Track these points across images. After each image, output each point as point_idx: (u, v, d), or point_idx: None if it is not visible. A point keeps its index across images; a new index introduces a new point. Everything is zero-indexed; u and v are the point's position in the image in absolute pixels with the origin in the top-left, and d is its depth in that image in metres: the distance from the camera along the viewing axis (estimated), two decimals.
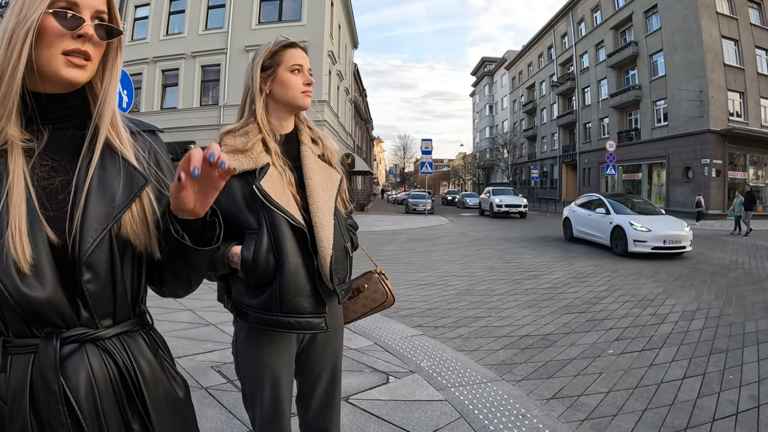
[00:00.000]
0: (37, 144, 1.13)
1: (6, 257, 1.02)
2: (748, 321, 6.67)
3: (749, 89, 31.86)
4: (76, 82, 1.12)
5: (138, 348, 1.22)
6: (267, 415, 2.02)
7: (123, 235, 1.16)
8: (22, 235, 1.04)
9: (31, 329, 1.09)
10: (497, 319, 6.80)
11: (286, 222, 1.85)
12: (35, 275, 1.05)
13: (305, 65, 2.00)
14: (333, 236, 1.93)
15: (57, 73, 1.09)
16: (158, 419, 1.21)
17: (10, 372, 1.08)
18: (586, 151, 45.70)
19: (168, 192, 1.24)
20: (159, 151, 1.32)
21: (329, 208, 1.97)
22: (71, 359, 1.10)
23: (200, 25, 26.50)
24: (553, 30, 53.50)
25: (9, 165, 1.08)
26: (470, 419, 3.61)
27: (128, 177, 1.19)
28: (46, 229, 1.08)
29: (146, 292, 1.32)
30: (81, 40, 1.09)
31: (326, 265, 1.89)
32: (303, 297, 1.88)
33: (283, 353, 2.00)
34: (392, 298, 2.39)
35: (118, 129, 1.21)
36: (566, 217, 18.17)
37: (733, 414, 3.90)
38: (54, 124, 1.17)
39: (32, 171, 1.11)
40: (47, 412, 1.07)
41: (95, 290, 1.13)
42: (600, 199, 16.10)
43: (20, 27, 1.04)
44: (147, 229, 1.20)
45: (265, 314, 1.88)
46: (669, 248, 12.95)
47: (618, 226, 13.98)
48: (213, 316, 5.99)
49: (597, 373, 4.75)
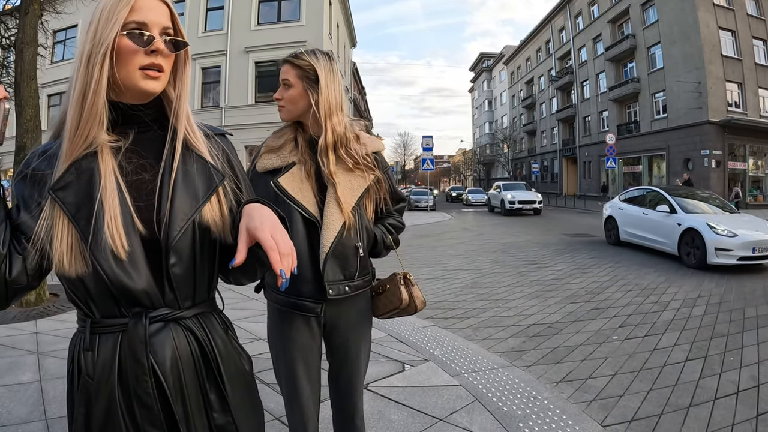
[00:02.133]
0: (123, 143, 1.28)
1: (105, 246, 1.17)
2: (748, 307, 6.86)
3: (747, 80, 31.92)
4: (153, 92, 1.28)
5: (213, 327, 1.38)
6: (287, 388, 2.20)
7: (204, 224, 1.30)
8: (117, 226, 1.19)
9: (120, 310, 1.24)
10: (504, 309, 6.99)
11: (299, 214, 2.03)
12: (130, 262, 1.20)
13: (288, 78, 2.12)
14: (339, 233, 2.05)
15: (137, 85, 1.24)
16: (231, 390, 1.36)
17: (99, 350, 1.24)
18: (586, 145, 45.76)
19: (239, 189, 1.42)
20: (229, 151, 1.47)
21: (344, 206, 2.08)
22: (158, 336, 1.24)
23: (199, 27, 26.48)
24: (550, 24, 53.48)
25: (101, 164, 1.22)
26: (484, 402, 3.81)
27: (207, 173, 1.34)
28: (135, 220, 1.23)
29: (218, 278, 1.46)
30: (154, 55, 1.24)
31: (321, 260, 2.04)
32: (303, 282, 2.05)
33: (303, 331, 2.15)
34: (413, 306, 2.31)
35: (194, 131, 1.36)
36: (609, 216, 14.60)
37: (734, 393, 4.09)
38: (138, 126, 1.32)
39: (121, 167, 1.26)
40: (135, 384, 1.22)
41: (179, 273, 1.27)
42: (659, 194, 12.56)
43: (97, 49, 1.19)
44: (222, 219, 1.35)
45: (277, 294, 2.10)
46: (759, 258, 9.79)
47: (691, 229, 10.57)
48: (229, 313, 6.16)
49: (603, 358, 4.95)
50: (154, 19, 1.24)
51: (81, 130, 1.21)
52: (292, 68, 2.12)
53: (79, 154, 1.21)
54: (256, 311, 6.19)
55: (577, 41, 47.55)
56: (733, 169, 31.70)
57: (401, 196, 2.42)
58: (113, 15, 1.19)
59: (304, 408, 2.19)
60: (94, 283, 1.20)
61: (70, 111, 1.22)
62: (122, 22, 1.20)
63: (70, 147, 1.21)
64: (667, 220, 11.51)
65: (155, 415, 1.23)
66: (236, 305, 6.52)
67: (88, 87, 1.19)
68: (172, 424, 1.26)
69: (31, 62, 7.09)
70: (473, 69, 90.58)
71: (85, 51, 1.21)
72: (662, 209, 11.75)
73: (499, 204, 29.64)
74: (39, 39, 7.57)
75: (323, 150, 2.09)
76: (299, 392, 2.18)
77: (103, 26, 1.19)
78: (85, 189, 1.20)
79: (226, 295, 1.92)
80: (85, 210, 1.19)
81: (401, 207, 2.44)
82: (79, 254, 1.18)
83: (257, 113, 24.14)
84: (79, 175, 1.21)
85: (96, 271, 1.18)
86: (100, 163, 1.22)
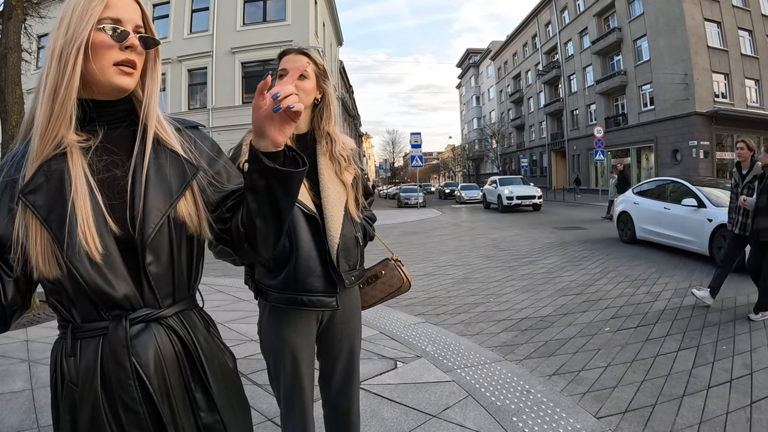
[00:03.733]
0: (93, 141, 1.26)
1: (79, 249, 1.15)
2: (740, 295, 6.89)
3: (734, 70, 32.12)
4: (126, 88, 1.25)
5: (194, 325, 1.35)
6: (288, 390, 2.17)
7: (179, 219, 1.28)
8: (90, 229, 1.16)
9: (100, 313, 1.21)
10: (496, 304, 6.98)
11: (300, 210, 2.04)
12: (106, 264, 1.18)
13: (289, 69, 2.13)
14: (342, 226, 2.11)
15: (110, 81, 1.22)
16: (217, 388, 1.34)
17: (80, 356, 1.21)
18: (575, 138, 45.90)
19: (217, 180, 1.39)
20: (202, 144, 1.43)
21: (340, 201, 2.14)
22: (140, 338, 1.21)
23: (185, 29, 26.45)
24: (536, 19, 53.58)
25: (71, 166, 1.20)
26: (477, 397, 3.79)
27: (180, 167, 1.31)
28: (109, 220, 1.20)
29: (199, 274, 1.43)
30: (128, 51, 1.22)
31: (334, 251, 2.07)
32: (315, 277, 2.06)
33: (303, 332, 2.16)
34: (408, 283, 2.52)
35: (164, 126, 1.33)
36: (623, 211, 13.09)
37: (728, 381, 4.10)
38: (108, 124, 1.30)
39: (91, 166, 1.24)
40: (119, 388, 1.19)
41: (157, 272, 1.25)
42: (681, 185, 11.03)
43: (70, 44, 1.17)
44: (198, 213, 1.32)
45: (281, 293, 2.07)
46: None
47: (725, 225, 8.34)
48: (220, 315, 6.14)
49: (595, 350, 4.94)
50: (128, 16, 1.24)
51: (51, 127, 1.18)
52: (310, 62, 2.17)
53: (49, 154, 1.19)
54: (247, 312, 6.15)
55: (563, 35, 47.66)
56: (722, 159, 31.87)
57: (370, 191, 2.51)
58: (87, 11, 1.18)
59: (306, 410, 2.21)
60: (72, 287, 1.18)
61: (39, 109, 1.20)
62: (97, 18, 1.19)
63: (41, 145, 1.18)
64: (695, 216, 10.06)
65: (141, 418, 1.21)
66: (227, 307, 6.49)
67: (60, 83, 1.17)
68: (160, 426, 1.24)
69: (15, 68, 6.99)
70: (460, 65, 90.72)
71: (56, 47, 1.19)
72: (688, 203, 10.28)
73: (496, 200, 27.84)
74: (23, 44, 7.48)
75: (324, 146, 2.19)
76: (303, 393, 2.19)
77: (77, 22, 1.18)
78: (56, 191, 1.18)
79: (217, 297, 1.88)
80: (57, 213, 1.16)
81: (371, 201, 2.53)
82: (53, 258, 1.16)
83: (245, 114, 23.97)
84: (49, 178, 1.19)
85: (72, 275, 1.15)
86: (70, 164, 1.20)
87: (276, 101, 1.20)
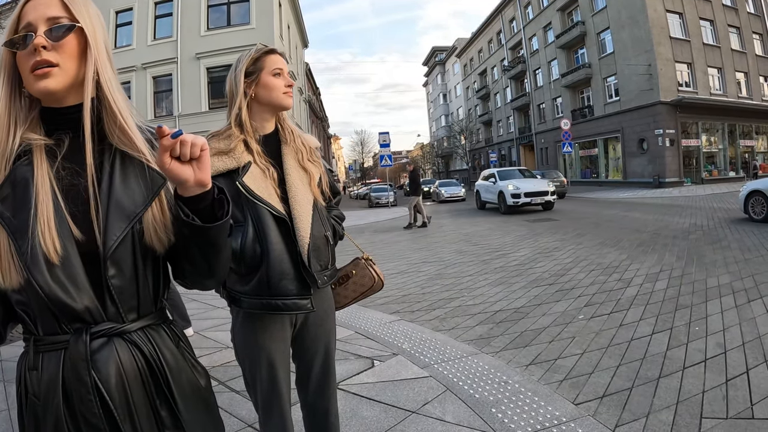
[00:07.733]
0: (59, 150, 1.21)
1: (36, 251, 1.11)
2: (710, 277, 6.97)
3: (696, 59, 32.80)
4: (50, 90, 1.18)
5: (162, 340, 1.30)
6: (266, 396, 2.13)
7: (145, 231, 1.23)
8: (51, 230, 1.12)
9: (61, 326, 1.17)
10: (470, 298, 6.97)
11: (269, 213, 1.98)
12: (64, 271, 1.13)
13: (285, 69, 2.16)
14: (312, 226, 2.06)
15: (33, 89, 1.18)
16: (184, 406, 1.30)
17: (42, 369, 1.17)
18: (542, 131, 46.44)
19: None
20: None
21: (308, 201, 2.10)
22: (101, 353, 1.18)
23: (149, 36, 26.02)
24: (501, 15, 54.05)
25: (35, 166, 1.16)
26: (456, 390, 3.77)
27: (147, 177, 1.25)
28: (71, 226, 1.16)
29: (167, 288, 1.38)
30: (37, 53, 1.15)
31: (304, 252, 2.02)
32: (288, 280, 2.01)
33: (277, 336, 2.12)
34: (380, 282, 2.51)
35: (128, 134, 1.25)
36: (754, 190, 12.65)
37: (702, 361, 4.13)
38: (73, 131, 1.23)
39: (57, 174, 1.19)
40: (80, 404, 1.15)
41: (120, 285, 1.20)
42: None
43: None
44: (165, 226, 1.27)
45: (255, 299, 2.01)
46: None
47: None
48: (194, 324, 6.04)
49: (570, 338, 4.95)
50: (37, 16, 1.17)
51: None
52: (286, 64, 2.20)
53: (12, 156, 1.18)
54: (222, 320, 6.05)
55: (527, 30, 48.14)
56: (687, 146, 32.52)
57: (338, 189, 2.48)
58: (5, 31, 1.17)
59: (285, 414, 2.18)
60: (32, 299, 1.15)
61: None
62: (11, 35, 1.16)
63: None
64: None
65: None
66: (201, 315, 6.38)
67: None
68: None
69: None
70: (426, 63, 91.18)
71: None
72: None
73: (496, 198, 21.71)
74: None
75: (286, 144, 2.18)
76: (281, 399, 2.16)
77: None
78: (21, 198, 1.14)
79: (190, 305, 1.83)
80: (20, 218, 1.13)
81: (339, 199, 2.53)
82: (13, 266, 1.12)
83: (211, 120, 23.69)
84: (15, 186, 1.16)
85: (30, 285, 1.11)
86: (35, 169, 1.17)
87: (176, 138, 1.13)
